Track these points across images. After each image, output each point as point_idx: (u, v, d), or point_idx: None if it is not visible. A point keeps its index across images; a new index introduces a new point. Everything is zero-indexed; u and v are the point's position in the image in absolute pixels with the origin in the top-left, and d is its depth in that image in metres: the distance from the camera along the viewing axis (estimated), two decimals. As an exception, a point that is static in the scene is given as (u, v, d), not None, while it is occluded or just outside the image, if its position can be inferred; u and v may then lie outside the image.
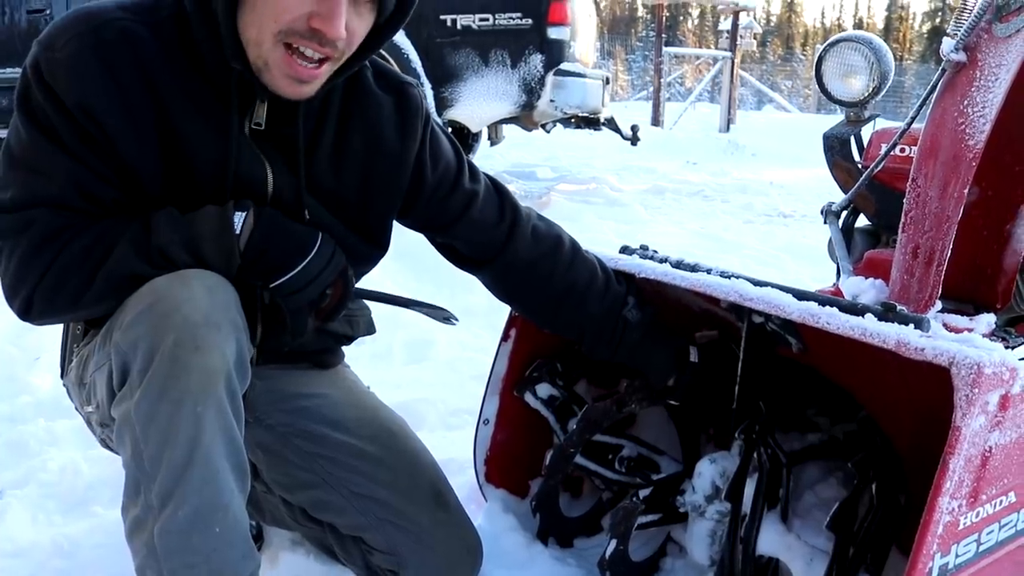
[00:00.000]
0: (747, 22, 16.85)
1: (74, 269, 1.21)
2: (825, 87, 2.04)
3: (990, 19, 1.54)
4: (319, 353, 1.64)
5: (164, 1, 1.29)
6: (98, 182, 1.24)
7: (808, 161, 10.23)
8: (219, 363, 1.16)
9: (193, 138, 1.27)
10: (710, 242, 5.08)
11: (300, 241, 1.29)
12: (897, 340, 1.16)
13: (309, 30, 1.20)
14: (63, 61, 1.20)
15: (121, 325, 1.19)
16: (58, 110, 1.20)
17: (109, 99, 1.21)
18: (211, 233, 1.23)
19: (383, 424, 1.61)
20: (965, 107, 1.52)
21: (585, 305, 1.59)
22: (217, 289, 1.21)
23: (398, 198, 1.49)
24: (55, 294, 1.22)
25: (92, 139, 1.22)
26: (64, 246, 1.21)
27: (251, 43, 1.22)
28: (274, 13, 1.19)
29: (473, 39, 5.41)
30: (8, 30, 6.39)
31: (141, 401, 1.15)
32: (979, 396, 1.08)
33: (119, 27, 1.23)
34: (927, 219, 1.54)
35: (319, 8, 1.19)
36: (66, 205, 1.22)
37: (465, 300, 3.35)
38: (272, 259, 1.26)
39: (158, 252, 1.22)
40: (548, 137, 6.84)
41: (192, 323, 1.15)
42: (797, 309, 1.30)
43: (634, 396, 1.68)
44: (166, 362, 1.14)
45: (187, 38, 1.26)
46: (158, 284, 1.20)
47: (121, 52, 1.22)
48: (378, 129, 1.44)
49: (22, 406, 2.46)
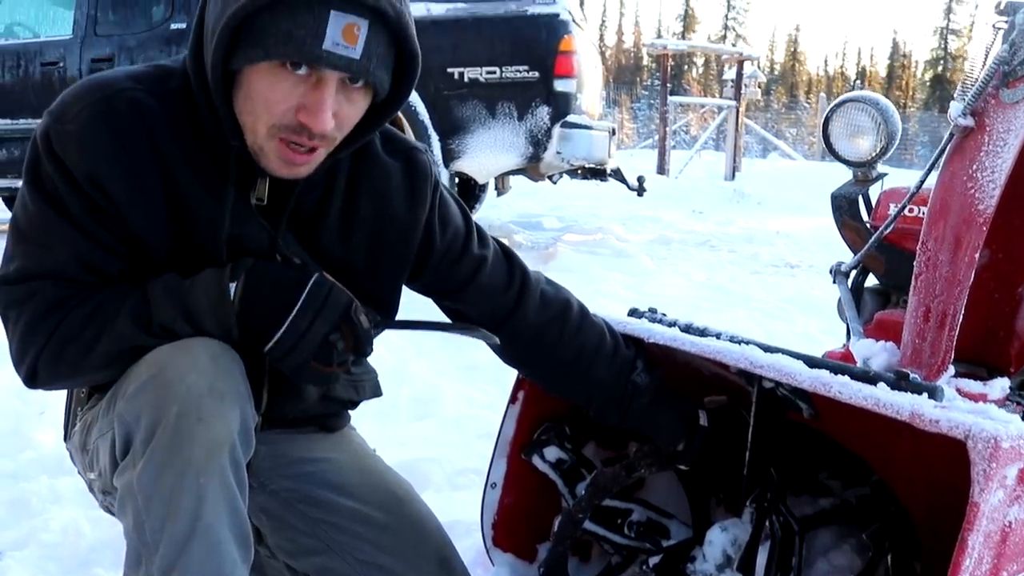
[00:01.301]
0: (751, 71, 17.04)
1: (75, 339, 1.21)
2: (832, 147, 2.04)
3: (997, 85, 1.55)
4: (324, 417, 1.62)
5: (173, 72, 1.30)
6: (104, 255, 1.24)
7: (814, 210, 10.27)
8: (223, 434, 1.15)
9: (198, 209, 1.27)
10: (717, 294, 5.07)
11: (286, 290, 1.23)
12: (911, 411, 1.14)
13: (298, 124, 1.20)
14: (74, 132, 1.20)
15: (124, 394, 1.19)
16: (67, 181, 1.21)
17: (119, 169, 1.22)
18: (208, 305, 1.22)
19: (389, 489, 1.59)
20: (974, 171, 1.52)
21: (594, 370, 1.58)
22: (221, 357, 1.20)
23: (407, 265, 1.48)
24: (58, 362, 1.22)
25: (101, 210, 1.22)
26: (66, 316, 1.21)
27: (247, 129, 1.23)
28: (266, 105, 1.19)
29: (480, 91, 5.46)
30: (22, 82, 6.48)
31: (143, 472, 1.14)
32: (997, 471, 1.06)
33: (129, 97, 1.24)
34: (938, 282, 1.53)
35: (305, 101, 1.18)
36: (70, 277, 1.22)
37: (471, 356, 3.34)
38: (262, 316, 1.22)
39: (159, 326, 1.21)
40: (554, 187, 6.88)
41: (196, 393, 1.14)
42: (808, 378, 1.28)
43: (644, 461, 1.66)
44: (169, 433, 1.13)
45: (194, 112, 1.27)
46: (162, 353, 1.19)
47: (131, 122, 1.23)
48: (387, 196, 1.44)
49: (25, 462, 2.43)
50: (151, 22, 6.25)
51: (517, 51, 5.45)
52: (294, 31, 1.14)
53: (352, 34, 1.15)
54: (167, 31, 6.12)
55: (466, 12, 5.42)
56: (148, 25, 6.24)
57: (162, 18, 6.18)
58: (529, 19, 5.51)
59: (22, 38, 6.74)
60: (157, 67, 1.32)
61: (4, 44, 6.66)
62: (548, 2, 5.55)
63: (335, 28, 1.14)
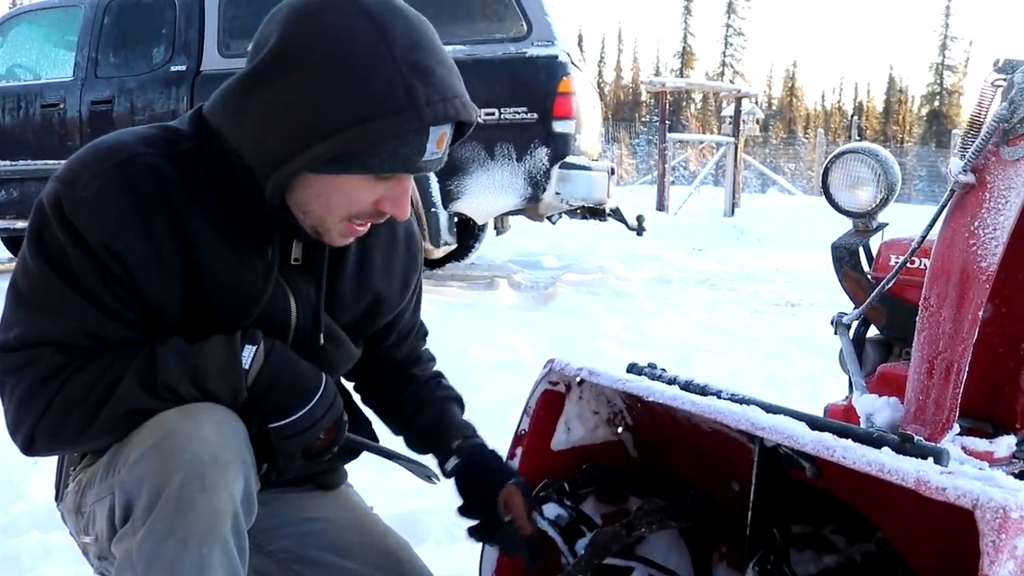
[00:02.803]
0: (749, 108, 17.15)
1: (77, 404, 1.19)
2: (832, 198, 2.03)
3: (997, 142, 1.54)
4: (322, 475, 1.61)
5: (182, 134, 1.28)
6: (109, 323, 1.21)
7: (813, 246, 10.26)
8: (226, 503, 1.14)
9: (221, 274, 1.26)
10: (718, 335, 5.04)
11: (306, 384, 1.28)
12: (917, 478, 1.12)
13: (377, 212, 1.24)
14: (87, 200, 1.18)
15: (127, 461, 1.17)
16: (78, 248, 1.18)
17: (134, 236, 1.19)
18: (218, 368, 1.21)
19: (388, 549, 1.57)
20: (976, 228, 1.51)
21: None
22: (226, 425, 1.19)
23: (392, 314, 1.54)
24: (58, 429, 1.20)
25: (113, 277, 1.20)
26: (65, 382, 1.18)
27: (311, 215, 1.25)
28: (346, 204, 1.23)
29: (479, 133, 5.45)
30: (23, 124, 6.52)
31: (145, 541, 1.12)
32: (1007, 542, 1.03)
33: (144, 162, 1.22)
34: (942, 339, 1.51)
35: (388, 193, 1.23)
36: (71, 345, 1.20)
37: (471, 401, 3.30)
38: (276, 399, 1.25)
39: (164, 387, 1.20)
40: (554, 226, 6.88)
41: (200, 462, 1.13)
42: (811, 441, 1.26)
43: (644, 520, 1.63)
44: (172, 501, 1.11)
45: (212, 174, 1.26)
46: (166, 419, 1.18)
47: (147, 187, 1.21)
48: (395, 246, 1.49)
49: (16, 515, 2.40)
50: (151, 64, 6.30)
51: (516, 93, 5.49)
52: (399, 150, 1.17)
53: (443, 141, 1.22)
54: (167, 73, 6.16)
55: (465, 54, 5.46)
56: (148, 67, 6.29)
57: (162, 60, 6.23)
58: (528, 61, 5.56)
59: (23, 80, 6.79)
60: (165, 128, 1.30)
61: (5, 86, 6.70)
62: (546, 44, 5.59)
63: (432, 142, 1.19)
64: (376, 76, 1.13)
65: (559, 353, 1.73)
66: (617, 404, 1.79)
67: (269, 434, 1.26)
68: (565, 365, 1.63)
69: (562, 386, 1.72)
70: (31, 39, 6.96)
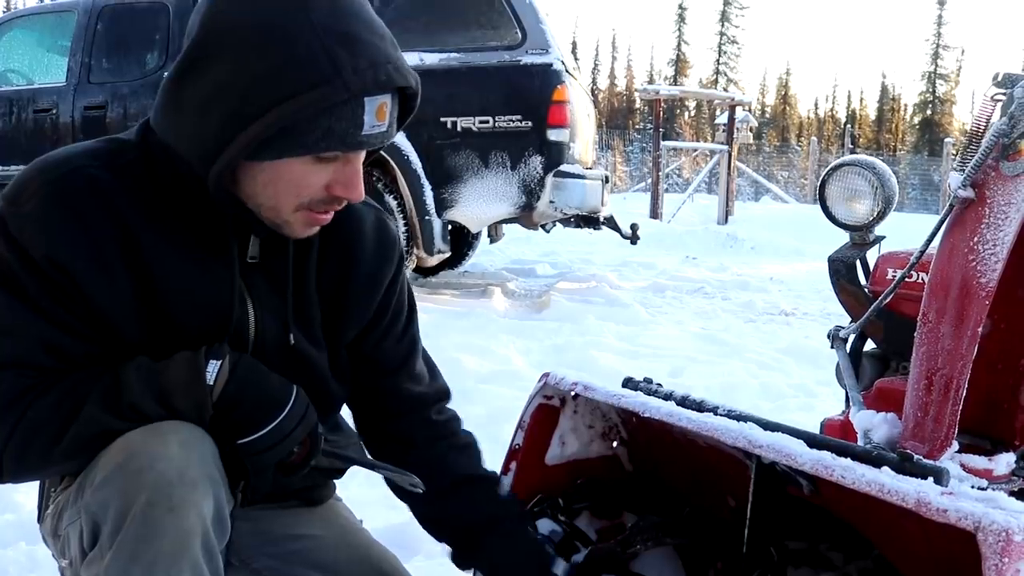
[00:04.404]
0: (743, 116, 17.19)
1: (41, 429, 1.16)
2: (829, 211, 2.02)
3: (997, 157, 1.53)
4: (308, 490, 1.58)
5: (127, 144, 1.27)
6: (66, 337, 1.19)
7: (807, 254, 10.29)
8: (195, 523, 1.11)
9: (175, 279, 1.24)
10: (712, 345, 5.02)
11: (274, 397, 1.23)
12: (917, 499, 1.10)
13: (331, 197, 1.21)
14: (29, 215, 1.17)
15: (92, 483, 1.14)
16: (24, 264, 1.16)
17: (77, 247, 1.18)
18: (182, 384, 1.18)
19: (377, 566, 1.55)
20: (975, 244, 1.49)
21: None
22: (193, 442, 1.16)
23: (365, 318, 1.46)
24: (24, 455, 1.17)
25: (61, 290, 1.18)
26: (29, 406, 1.15)
27: (264, 207, 1.22)
28: (296, 191, 1.20)
29: (473, 141, 5.48)
30: (15, 129, 6.49)
31: (111, 565, 1.09)
32: (1009, 566, 1.01)
33: (86, 174, 1.21)
34: (940, 355, 1.50)
35: (338, 177, 1.19)
36: (33, 364, 1.17)
37: (464, 411, 3.28)
38: (244, 414, 1.21)
39: (129, 407, 1.17)
40: (548, 234, 6.87)
41: (166, 481, 1.10)
42: (809, 459, 1.24)
43: (640, 536, 1.62)
44: (138, 524, 1.08)
45: (159, 180, 1.24)
46: (131, 439, 1.14)
47: (88, 199, 1.19)
48: (359, 242, 1.43)
49: (3, 526, 2.36)
50: (144, 70, 6.28)
51: (510, 101, 5.48)
52: (334, 126, 1.14)
53: (383, 112, 1.17)
54: (160, 79, 6.13)
55: (459, 62, 5.46)
56: (141, 73, 6.26)
57: (155, 66, 6.21)
58: (522, 69, 5.55)
59: (16, 84, 6.76)
60: (112, 140, 1.29)
61: (-2, 91, 6.67)
62: (541, 52, 5.59)
63: (370, 113, 1.15)
64: (297, 47, 1.10)
65: (552, 362, 1.71)
66: (612, 418, 1.77)
67: (238, 450, 1.22)
68: (560, 379, 1.61)
69: (557, 400, 1.70)
70: (24, 44, 6.93)
